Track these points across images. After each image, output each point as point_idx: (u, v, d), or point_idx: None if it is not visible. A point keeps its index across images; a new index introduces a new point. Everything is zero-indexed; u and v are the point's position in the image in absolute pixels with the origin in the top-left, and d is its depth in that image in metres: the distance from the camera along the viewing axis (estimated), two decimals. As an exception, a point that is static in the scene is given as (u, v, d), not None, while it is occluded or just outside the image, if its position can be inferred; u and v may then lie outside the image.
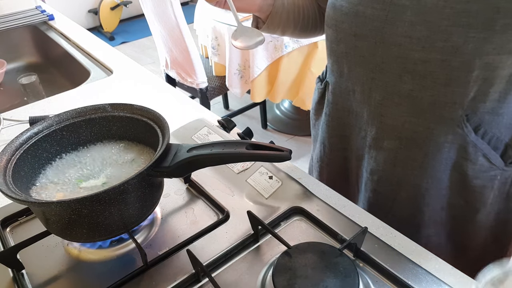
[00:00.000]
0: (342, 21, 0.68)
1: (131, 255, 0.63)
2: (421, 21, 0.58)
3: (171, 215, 0.70)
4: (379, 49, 0.64)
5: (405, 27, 0.60)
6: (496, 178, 0.68)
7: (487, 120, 0.64)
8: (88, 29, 2.96)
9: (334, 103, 0.79)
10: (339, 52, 0.72)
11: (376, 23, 0.63)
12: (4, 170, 0.58)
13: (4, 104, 1.31)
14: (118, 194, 0.55)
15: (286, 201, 0.69)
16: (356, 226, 0.64)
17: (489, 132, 0.65)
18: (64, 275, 0.61)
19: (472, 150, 0.65)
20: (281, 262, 0.55)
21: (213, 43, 2.24)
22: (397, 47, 0.62)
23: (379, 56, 0.65)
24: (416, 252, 0.60)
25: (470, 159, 0.66)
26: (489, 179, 0.68)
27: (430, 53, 0.59)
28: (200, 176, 0.76)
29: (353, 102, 0.74)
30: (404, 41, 0.61)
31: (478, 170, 0.67)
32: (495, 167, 0.67)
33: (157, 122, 0.65)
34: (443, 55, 0.58)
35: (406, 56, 0.61)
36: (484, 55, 0.57)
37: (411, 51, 0.61)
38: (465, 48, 0.57)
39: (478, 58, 0.57)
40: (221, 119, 0.88)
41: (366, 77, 0.69)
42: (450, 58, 0.58)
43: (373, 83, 0.68)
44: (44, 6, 1.73)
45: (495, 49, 0.56)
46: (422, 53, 0.60)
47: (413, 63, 0.61)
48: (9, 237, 0.68)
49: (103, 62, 1.28)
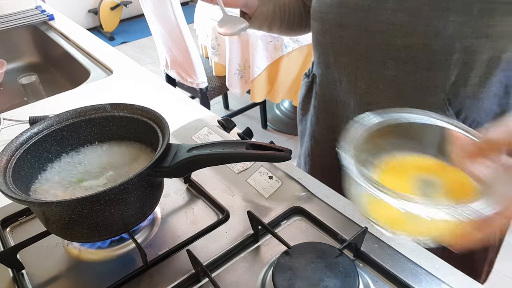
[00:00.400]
0: (327, 12, 0.71)
1: (131, 255, 0.63)
2: (403, 8, 0.61)
3: (171, 215, 0.70)
4: (363, 37, 0.66)
5: (387, 14, 0.62)
6: None
7: (468, 105, 0.66)
8: (88, 29, 2.96)
9: (322, 94, 0.81)
10: (325, 43, 0.74)
11: (359, 12, 0.65)
12: (4, 170, 0.58)
13: (4, 104, 1.31)
14: (118, 194, 0.55)
15: (286, 201, 0.69)
16: (356, 226, 0.64)
17: (469, 117, 0.67)
18: (64, 275, 0.61)
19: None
20: (281, 262, 0.55)
21: (213, 43, 2.24)
22: (381, 35, 0.64)
23: (364, 45, 0.67)
24: (416, 252, 0.60)
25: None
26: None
27: (412, 39, 0.62)
28: (200, 176, 0.76)
29: (340, 92, 0.76)
30: (387, 28, 0.63)
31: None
32: None
33: (157, 122, 0.65)
34: (425, 40, 0.61)
35: (389, 43, 0.64)
36: (463, 38, 0.59)
37: (394, 37, 0.63)
38: (445, 32, 0.59)
39: (458, 41, 0.60)
40: (221, 119, 0.88)
41: (351, 66, 0.71)
42: (431, 42, 0.61)
43: (358, 71, 0.70)
44: (44, 6, 1.73)
45: (473, 33, 0.59)
46: (404, 39, 0.62)
47: (396, 49, 0.64)
48: (9, 237, 0.68)
49: (103, 62, 1.28)
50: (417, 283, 0.54)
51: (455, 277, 0.56)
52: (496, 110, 0.68)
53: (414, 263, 0.57)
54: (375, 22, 0.64)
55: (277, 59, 2.07)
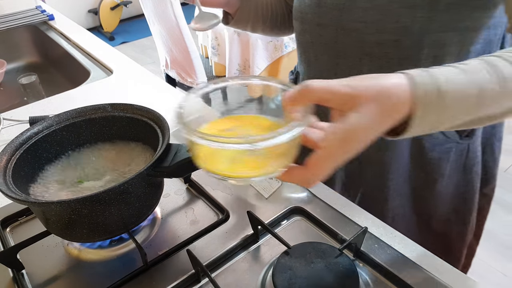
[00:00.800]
0: (306, 12, 0.73)
1: (131, 255, 0.63)
2: (373, 6, 0.63)
3: (171, 215, 0.70)
4: (340, 36, 0.68)
5: (360, 13, 0.65)
6: (451, 150, 0.74)
7: None
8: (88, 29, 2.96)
9: None
10: (305, 42, 0.76)
11: (335, 11, 0.68)
12: (4, 170, 0.58)
13: (4, 104, 1.31)
14: (118, 194, 0.55)
15: (286, 201, 0.69)
16: (356, 226, 0.64)
17: None
18: (64, 275, 0.61)
19: None
20: (281, 262, 0.55)
21: (213, 43, 2.24)
22: (355, 33, 0.66)
23: (341, 43, 0.69)
24: (416, 252, 0.60)
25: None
26: (445, 151, 0.74)
27: (383, 35, 0.64)
28: (200, 176, 0.76)
29: None
30: (360, 26, 0.65)
31: (434, 143, 0.73)
32: (450, 140, 0.73)
33: (157, 122, 0.65)
34: (395, 36, 0.63)
35: (363, 40, 0.66)
36: (431, 33, 0.61)
37: (367, 35, 0.65)
38: (413, 28, 0.61)
39: (426, 36, 0.62)
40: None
41: (331, 63, 0.72)
42: (401, 38, 0.63)
43: (337, 68, 0.72)
44: (44, 6, 1.73)
45: (441, 27, 0.61)
46: (376, 36, 0.64)
47: (369, 46, 0.66)
48: (9, 237, 0.68)
49: (103, 62, 1.28)
50: (417, 283, 0.54)
51: (455, 277, 0.56)
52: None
53: (414, 263, 0.57)
54: (350, 20, 0.66)
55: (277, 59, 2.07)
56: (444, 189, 0.78)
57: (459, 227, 0.83)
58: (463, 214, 0.82)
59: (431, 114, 0.41)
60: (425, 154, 0.74)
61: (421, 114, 0.40)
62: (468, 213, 0.82)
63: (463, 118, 0.43)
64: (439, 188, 0.77)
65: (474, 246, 0.92)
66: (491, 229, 1.84)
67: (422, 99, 0.40)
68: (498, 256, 1.73)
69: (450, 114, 0.42)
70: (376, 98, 0.39)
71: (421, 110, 0.40)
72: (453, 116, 0.42)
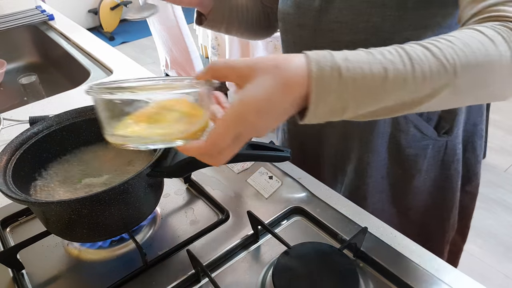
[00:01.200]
0: (287, 13, 0.75)
1: (131, 255, 0.63)
2: (347, 7, 0.65)
3: (171, 215, 0.70)
4: (318, 36, 0.70)
5: (335, 13, 0.66)
6: (428, 147, 0.75)
7: None
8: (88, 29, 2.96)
9: None
10: (288, 42, 0.78)
11: (313, 12, 0.69)
12: (4, 170, 0.58)
13: (4, 104, 1.31)
14: (118, 194, 0.55)
15: (286, 201, 0.69)
16: (356, 226, 0.64)
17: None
18: (64, 275, 0.61)
19: (403, 122, 0.72)
20: (281, 262, 0.55)
21: (213, 43, 2.24)
22: (331, 33, 0.68)
23: (319, 43, 0.70)
24: (416, 252, 0.60)
25: (402, 130, 0.73)
26: (422, 148, 0.75)
27: (356, 35, 0.65)
28: (200, 176, 0.76)
29: None
30: (335, 26, 0.67)
31: (410, 140, 0.74)
32: (427, 137, 0.74)
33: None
34: (366, 35, 0.64)
35: (339, 40, 0.67)
36: (402, 31, 0.62)
37: (341, 34, 0.66)
38: (384, 27, 0.62)
39: (397, 34, 0.63)
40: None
41: None
42: (372, 37, 0.64)
43: None
44: (44, 6, 1.73)
45: (411, 25, 0.62)
46: (350, 35, 0.66)
47: (344, 45, 0.68)
48: (9, 237, 0.68)
49: (103, 62, 1.28)
50: (417, 283, 0.54)
51: (455, 277, 0.56)
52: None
53: (414, 263, 0.57)
54: (326, 21, 0.67)
55: (277, 59, 2.07)
56: (421, 184, 0.79)
57: (438, 222, 0.84)
58: (441, 210, 0.83)
59: (330, 93, 0.39)
60: (402, 151, 0.75)
61: (318, 91, 0.39)
62: (447, 209, 0.83)
63: (370, 103, 0.41)
64: (417, 183, 0.78)
65: (459, 244, 0.93)
66: (492, 230, 1.84)
67: (317, 72, 0.39)
68: (500, 257, 1.73)
69: (352, 95, 0.40)
70: (272, 71, 0.39)
71: (317, 86, 0.39)
72: (357, 98, 0.40)
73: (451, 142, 0.76)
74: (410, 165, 0.76)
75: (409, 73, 0.41)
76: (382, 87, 0.40)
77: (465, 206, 0.87)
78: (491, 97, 0.48)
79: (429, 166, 0.77)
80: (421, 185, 0.79)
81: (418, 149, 0.75)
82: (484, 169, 2.22)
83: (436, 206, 0.82)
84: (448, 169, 0.78)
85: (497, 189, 2.03)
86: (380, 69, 0.40)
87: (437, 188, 0.80)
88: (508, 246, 1.77)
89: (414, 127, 0.72)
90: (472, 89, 0.44)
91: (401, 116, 0.71)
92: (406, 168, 0.77)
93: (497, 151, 2.28)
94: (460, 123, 0.74)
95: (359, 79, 0.39)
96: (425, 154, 0.76)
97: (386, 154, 0.76)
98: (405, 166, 0.77)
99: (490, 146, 2.28)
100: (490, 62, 0.42)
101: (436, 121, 0.74)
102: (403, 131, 0.73)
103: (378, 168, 0.77)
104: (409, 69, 0.41)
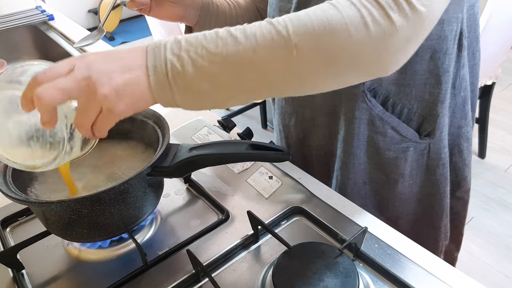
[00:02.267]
0: (272, 15, 0.76)
1: (131, 255, 0.63)
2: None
3: (171, 215, 0.70)
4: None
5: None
6: (408, 150, 0.73)
7: (394, 91, 0.69)
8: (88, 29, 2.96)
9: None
10: None
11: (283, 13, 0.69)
12: (4, 170, 0.58)
13: (4, 104, 1.31)
14: (118, 194, 0.55)
15: (286, 201, 0.69)
16: (356, 226, 0.64)
17: (398, 103, 0.70)
18: (64, 275, 0.61)
19: (379, 123, 0.71)
20: (281, 262, 0.55)
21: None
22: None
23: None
24: (416, 252, 0.60)
25: (379, 131, 0.72)
26: (401, 150, 0.73)
27: None
28: (200, 176, 0.76)
29: None
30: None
31: (389, 142, 0.72)
32: (407, 139, 0.72)
33: (157, 122, 0.65)
34: None
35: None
36: None
37: None
38: None
39: None
40: (221, 119, 0.88)
41: None
42: None
43: None
44: (44, 6, 1.73)
45: None
46: None
47: None
48: (9, 237, 0.68)
49: (103, 62, 1.28)
50: (417, 283, 0.54)
51: (455, 277, 0.56)
52: (428, 99, 0.69)
53: (414, 263, 0.57)
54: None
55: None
56: (407, 190, 0.77)
57: (429, 230, 0.82)
58: (431, 217, 0.81)
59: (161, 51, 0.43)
60: (381, 153, 0.74)
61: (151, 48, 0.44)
62: (437, 217, 0.80)
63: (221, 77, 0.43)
64: (401, 189, 0.77)
65: (453, 253, 0.90)
66: (492, 230, 1.84)
67: (151, 48, 0.44)
68: (499, 257, 1.73)
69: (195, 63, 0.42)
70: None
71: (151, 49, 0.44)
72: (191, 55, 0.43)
73: (435, 146, 0.73)
74: (391, 169, 0.75)
75: (242, 39, 0.43)
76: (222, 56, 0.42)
77: (457, 213, 0.85)
78: (356, 69, 0.45)
79: (413, 170, 0.76)
80: (407, 191, 0.77)
81: (398, 151, 0.73)
82: (484, 169, 2.23)
83: (426, 214, 0.80)
84: (434, 174, 0.76)
85: (497, 189, 2.03)
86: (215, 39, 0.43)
87: (424, 195, 0.79)
88: (508, 246, 1.77)
89: (391, 129, 0.71)
90: (321, 56, 0.43)
91: (376, 118, 0.70)
92: (388, 172, 0.75)
93: (497, 151, 2.28)
94: (443, 126, 0.72)
95: (194, 47, 0.43)
96: (406, 157, 0.74)
97: (366, 157, 0.75)
98: (387, 170, 0.75)
99: (490, 146, 2.28)
100: (331, 26, 0.42)
101: (417, 123, 0.72)
102: (380, 133, 0.72)
103: (358, 171, 0.76)
104: (241, 38, 0.43)
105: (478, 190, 2.04)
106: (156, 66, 0.43)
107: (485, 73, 1.90)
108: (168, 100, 0.44)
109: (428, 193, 0.78)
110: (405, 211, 0.79)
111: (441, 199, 0.78)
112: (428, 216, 0.80)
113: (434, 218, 0.80)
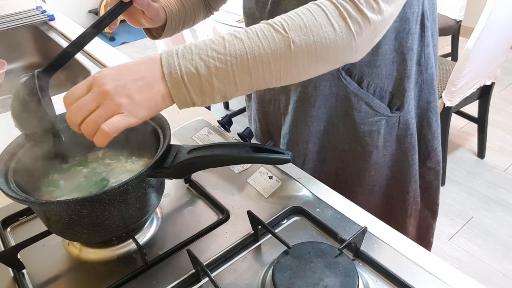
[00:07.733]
0: (248, 8, 0.81)
1: (131, 255, 0.63)
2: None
3: (171, 215, 0.70)
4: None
5: (287, 5, 0.72)
6: (381, 123, 0.81)
7: (367, 72, 0.76)
8: (89, 29, 2.96)
9: None
10: None
11: (269, 6, 0.76)
12: (6, 169, 0.58)
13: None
14: (118, 194, 0.55)
15: (286, 201, 0.69)
16: (356, 226, 0.64)
17: (372, 83, 0.77)
18: (65, 275, 0.61)
19: (355, 100, 0.78)
20: (281, 262, 0.55)
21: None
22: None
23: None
24: (416, 252, 0.60)
25: (355, 107, 0.79)
26: (374, 123, 0.81)
27: None
28: (200, 176, 0.76)
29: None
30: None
31: (363, 117, 0.80)
32: (379, 114, 0.80)
33: (158, 123, 0.65)
34: None
35: None
36: None
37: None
38: None
39: None
40: (221, 119, 0.89)
41: None
42: None
43: None
44: (44, 7, 1.73)
45: None
46: None
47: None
48: (10, 237, 0.68)
49: (103, 62, 1.28)
50: (416, 283, 0.54)
51: (455, 277, 0.56)
52: (396, 76, 0.78)
53: (414, 263, 0.57)
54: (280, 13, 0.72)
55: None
56: (381, 159, 0.85)
57: (399, 194, 0.90)
58: (400, 182, 0.89)
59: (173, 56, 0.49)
60: (357, 127, 0.81)
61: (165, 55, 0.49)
62: (405, 182, 0.88)
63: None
64: (376, 159, 0.84)
65: (429, 220, 0.98)
66: (492, 230, 1.84)
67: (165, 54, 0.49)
68: (499, 257, 1.73)
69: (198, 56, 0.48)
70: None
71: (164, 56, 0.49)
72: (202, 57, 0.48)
73: (403, 118, 0.81)
74: (366, 141, 0.82)
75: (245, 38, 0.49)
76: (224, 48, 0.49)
77: (429, 182, 0.93)
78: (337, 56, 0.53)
79: (386, 142, 0.83)
80: (381, 160, 0.85)
81: (371, 125, 0.80)
82: (484, 169, 2.23)
83: (395, 179, 0.89)
84: (403, 143, 0.84)
85: (497, 189, 2.03)
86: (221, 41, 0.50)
87: (395, 162, 0.87)
88: (508, 246, 1.77)
89: (365, 104, 0.78)
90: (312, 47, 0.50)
91: (352, 95, 0.78)
92: (364, 145, 0.82)
93: (497, 151, 2.28)
94: (410, 99, 0.80)
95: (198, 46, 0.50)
96: (379, 130, 0.81)
97: (344, 129, 0.82)
98: (362, 142, 0.82)
99: (490, 146, 2.28)
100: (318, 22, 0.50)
101: (388, 99, 0.80)
102: (355, 108, 0.79)
103: (338, 139, 0.84)
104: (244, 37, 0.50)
105: (477, 190, 2.04)
106: (171, 72, 0.48)
107: (484, 73, 1.90)
108: (187, 100, 0.50)
109: (397, 160, 0.87)
110: (379, 178, 0.88)
111: (409, 166, 0.87)
112: (397, 181, 0.89)
113: (403, 183, 0.89)
